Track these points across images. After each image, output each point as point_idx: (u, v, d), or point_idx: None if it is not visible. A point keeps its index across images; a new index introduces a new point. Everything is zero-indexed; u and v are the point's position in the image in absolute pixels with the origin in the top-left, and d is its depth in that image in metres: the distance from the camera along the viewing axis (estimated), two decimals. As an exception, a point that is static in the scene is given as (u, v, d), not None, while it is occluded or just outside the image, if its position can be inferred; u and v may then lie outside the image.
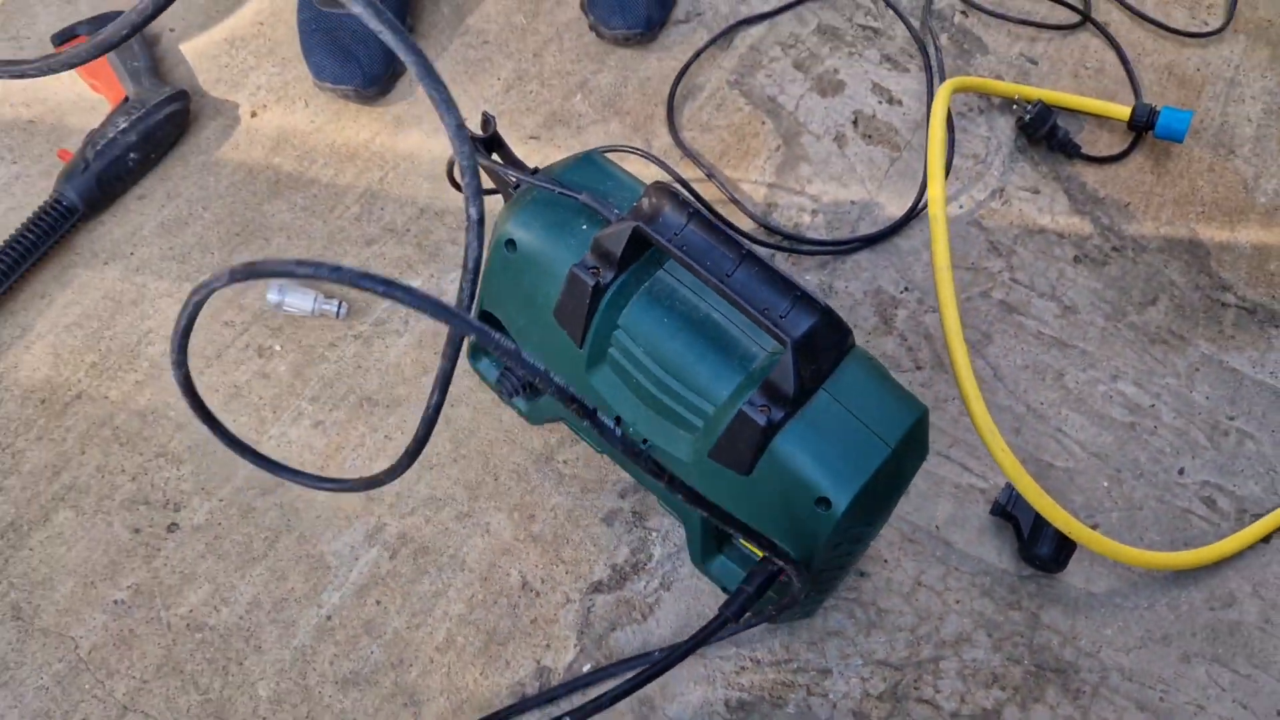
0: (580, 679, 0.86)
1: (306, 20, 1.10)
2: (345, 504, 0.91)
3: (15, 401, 0.93)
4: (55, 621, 0.85)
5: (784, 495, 0.73)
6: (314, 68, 1.09)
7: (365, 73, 1.08)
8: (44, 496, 0.89)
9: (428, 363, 0.98)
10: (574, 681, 0.86)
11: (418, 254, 1.04)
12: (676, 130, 1.14)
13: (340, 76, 1.07)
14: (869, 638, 0.91)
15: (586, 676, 0.87)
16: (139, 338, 0.97)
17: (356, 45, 1.08)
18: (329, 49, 1.08)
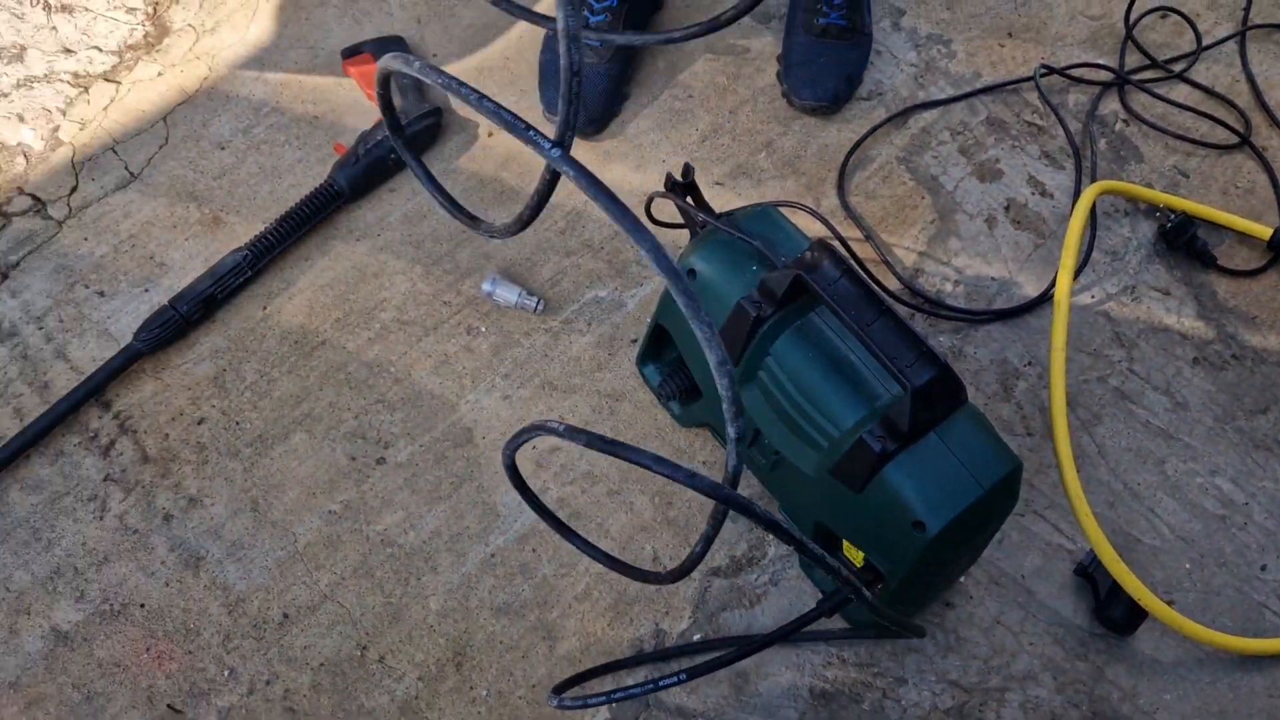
0: (690, 645, 1.02)
1: (547, 61, 1.31)
2: (521, 468, 1.10)
3: (275, 338, 1.15)
4: (282, 518, 1.06)
5: (886, 515, 0.87)
6: (546, 102, 1.29)
7: (589, 114, 1.27)
8: (287, 419, 1.11)
9: (602, 360, 1.16)
10: (685, 646, 1.02)
11: (607, 269, 1.22)
12: (844, 194, 1.29)
13: None
14: (945, 659, 1.03)
15: (696, 644, 1.02)
16: (376, 304, 1.18)
17: (586, 89, 1.28)
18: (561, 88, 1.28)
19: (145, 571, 1.02)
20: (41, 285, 1.16)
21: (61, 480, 1.06)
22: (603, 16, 1.30)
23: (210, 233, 1.20)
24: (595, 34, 1.03)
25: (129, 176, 1.23)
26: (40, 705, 0.96)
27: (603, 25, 1.30)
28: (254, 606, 1.01)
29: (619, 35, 1.01)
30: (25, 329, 1.13)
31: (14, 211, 1.20)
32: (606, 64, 1.30)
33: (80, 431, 1.08)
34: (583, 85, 1.26)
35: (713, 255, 0.96)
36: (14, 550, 1.02)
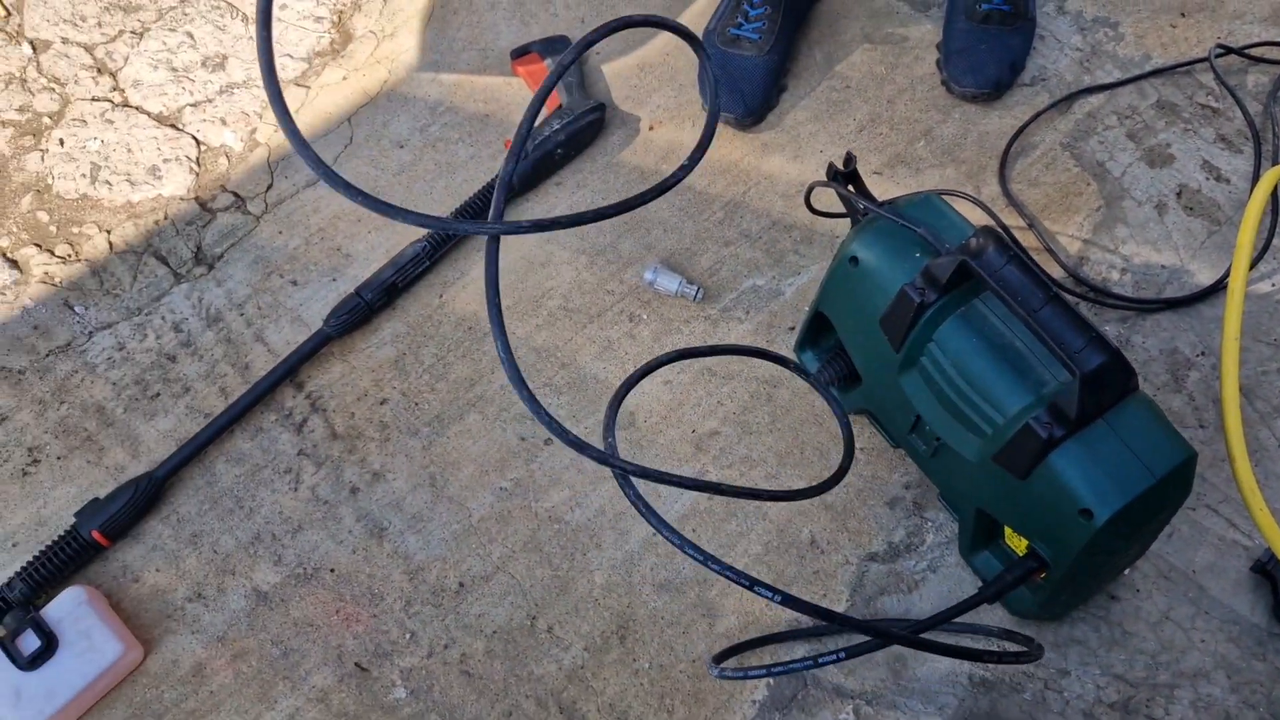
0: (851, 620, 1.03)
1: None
2: (679, 449, 1.13)
3: (450, 325, 1.22)
4: (458, 493, 1.12)
5: (1052, 502, 0.87)
6: (705, 95, 1.32)
7: (747, 105, 1.30)
8: (462, 400, 1.18)
9: (760, 345, 1.18)
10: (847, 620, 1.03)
11: (765, 258, 1.24)
12: (1006, 182, 1.27)
13: (727, 105, 1.30)
14: (1110, 652, 1.02)
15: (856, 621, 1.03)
16: (544, 292, 1.24)
17: (744, 82, 1.30)
18: (721, 81, 1.31)
19: (335, 539, 1.10)
20: (242, 275, 1.26)
21: (261, 454, 1.15)
22: (762, 9, 1.32)
23: (391, 225, 1.28)
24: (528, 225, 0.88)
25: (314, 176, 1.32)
26: (244, 658, 1.05)
27: (763, 17, 1.32)
28: (433, 575, 1.08)
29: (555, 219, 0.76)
30: (229, 315, 1.23)
31: (218, 207, 1.31)
32: (765, 56, 1.32)
33: (277, 410, 1.17)
34: (741, 78, 1.29)
35: (875, 242, 0.98)
36: (220, 517, 1.12)
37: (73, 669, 1.00)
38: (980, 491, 0.95)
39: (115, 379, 1.20)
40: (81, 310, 1.24)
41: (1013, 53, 1.33)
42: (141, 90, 1.39)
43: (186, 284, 1.25)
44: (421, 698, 1.02)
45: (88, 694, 1.01)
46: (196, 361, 1.20)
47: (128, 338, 1.22)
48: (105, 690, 1.03)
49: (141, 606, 1.07)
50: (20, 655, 1.00)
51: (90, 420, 1.17)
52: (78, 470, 1.15)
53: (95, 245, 1.28)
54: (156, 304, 1.24)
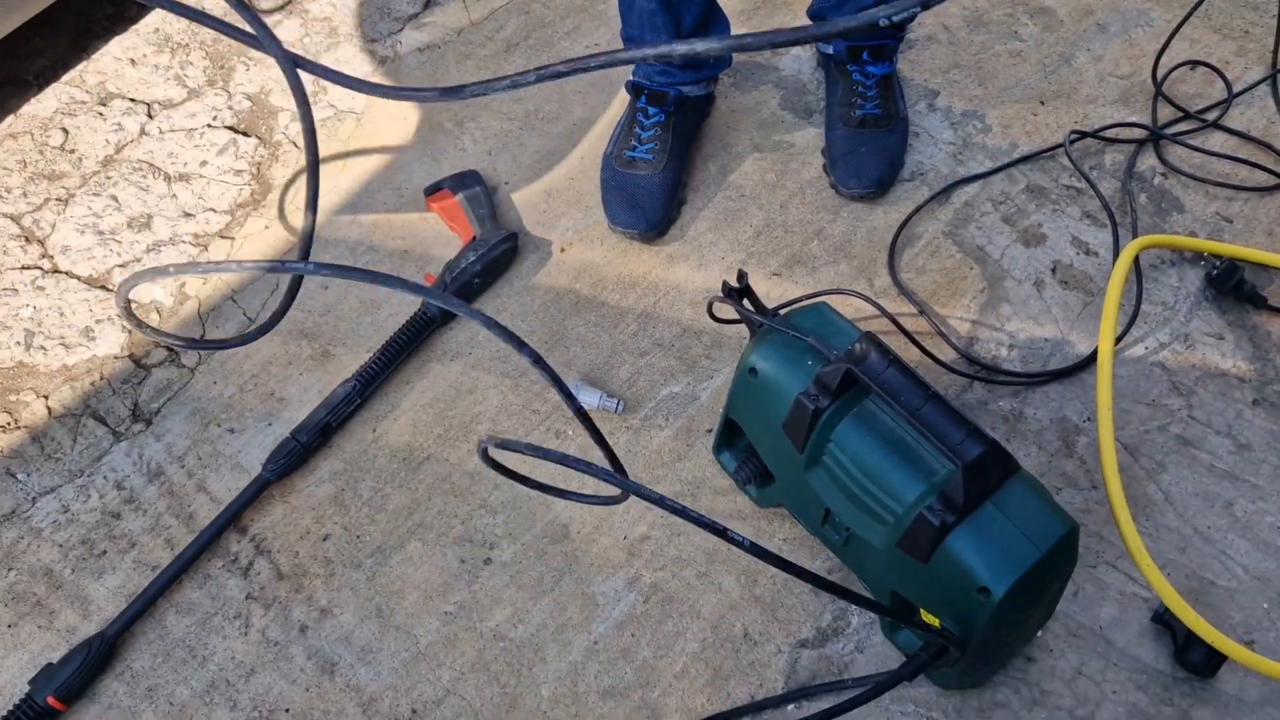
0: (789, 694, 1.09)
1: (607, 178, 1.43)
2: (613, 557, 1.19)
3: (385, 457, 1.27)
4: (404, 622, 1.17)
5: (954, 582, 0.94)
6: (610, 215, 1.41)
7: (648, 220, 1.39)
8: (401, 529, 1.22)
9: (681, 451, 1.25)
10: (783, 696, 1.09)
11: (679, 365, 1.32)
12: (895, 272, 1.37)
13: (630, 222, 1.39)
14: (1030, 713, 1.08)
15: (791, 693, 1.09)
16: (472, 417, 1.30)
17: (644, 199, 1.39)
18: (622, 201, 1.40)
19: (287, 679, 1.14)
20: (181, 427, 1.30)
21: (210, 601, 1.19)
22: (653, 131, 1.42)
23: (321, 365, 1.34)
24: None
25: (248, 322, 1.38)
26: (207, 807, 1.07)
27: (654, 139, 1.42)
28: (386, 704, 1.12)
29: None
30: (170, 468, 1.27)
31: (152, 363, 1.35)
32: (660, 173, 1.41)
33: (223, 556, 1.21)
34: (641, 196, 1.38)
35: (771, 354, 1.05)
36: (174, 668, 1.15)
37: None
38: (890, 575, 1.02)
39: (61, 541, 1.23)
40: (24, 477, 1.28)
41: (890, 151, 1.43)
42: (70, 255, 1.44)
43: (126, 441, 1.30)
44: (383, 828, 1.05)
45: None
46: (141, 516, 1.24)
47: (71, 500, 1.25)
48: None
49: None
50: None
51: (39, 584, 1.20)
52: (29, 636, 1.17)
53: (34, 411, 1.32)
54: (98, 464, 1.28)
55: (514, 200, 1.48)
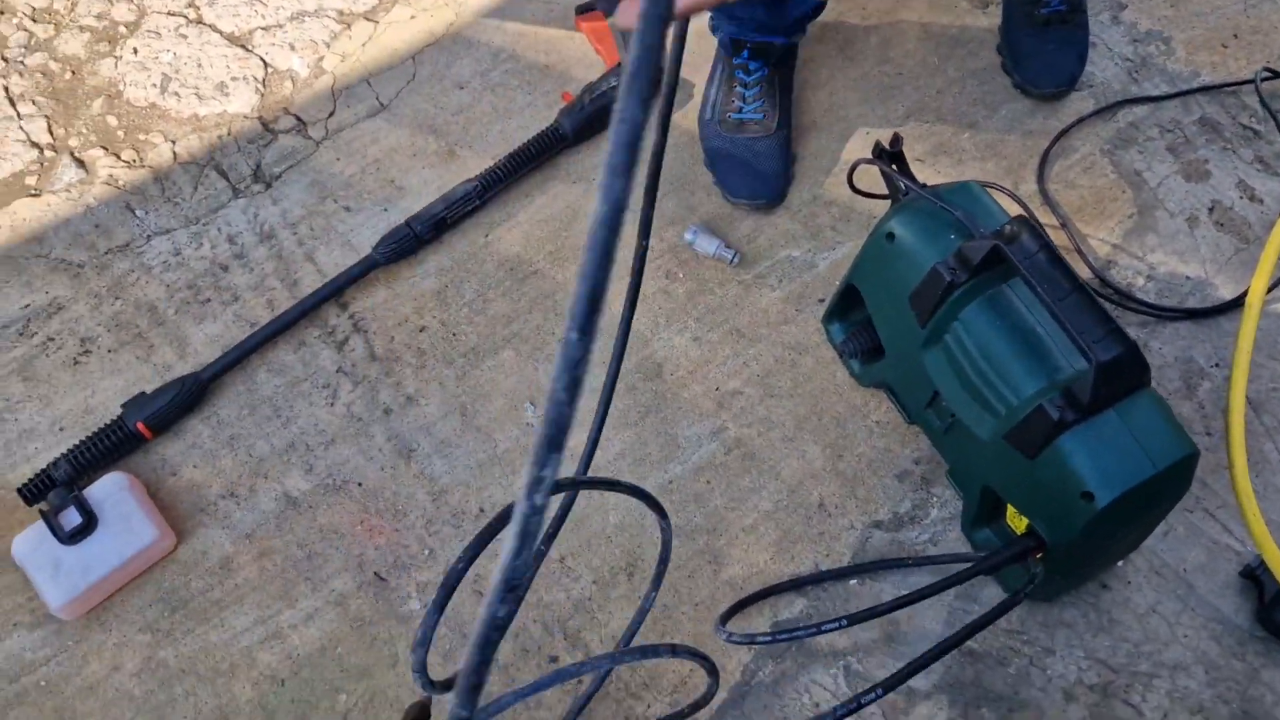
0: (854, 567, 1.08)
1: (716, 146, 1.31)
2: (702, 405, 1.18)
3: (494, 264, 1.26)
4: (486, 424, 1.17)
5: (1056, 483, 0.91)
6: (728, 187, 1.29)
7: (772, 187, 1.29)
8: (498, 336, 1.22)
9: (789, 314, 1.22)
10: (848, 569, 1.08)
11: (803, 231, 1.28)
12: (1044, 181, 1.31)
13: (755, 192, 1.28)
14: (1095, 638, 1.06)
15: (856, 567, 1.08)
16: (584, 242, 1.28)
17: (763, 163, 1.28)
18: (737, 169, 1.29)
19: (365, 455, 1.15)
20: (298, 196, 1.30)
21: (302, 367, 1.20)
22: (757, 89, 1.31)
23: (445, 163, 1.32)
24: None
25: (379, 106, 1.36)
26: (270, 557, 1.10)
27: (760, 95, 1.31)
28: (455, 498, 1.13)
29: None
30: (282, 233, 1.28)
31: (280, 129, 1.35)
32: (775, 134, 1.30)
33: (321, 327, 1.22)
34: (760, 159, 1.27)
35: (913, 221, 1.01)
36: (258, 423, 1.17)
37: (109, 548, 1.06)
38: (988, 469, 1.00)
39: (169, 282, 1.25)
40: (142, 214, 1.29)
41: (1079, 46, 1.36)
42: (216, 9, 1.43)
43: (244, 199, 1.30)
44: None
45: (120, 573, 1.06)
46: (247, 273, 1.25)
47: (184, 244, 1.27)
48: (136, 572, 1.08)
49: (177, 499, 1.13)
50: (62, 530, 1.06)
51: (142, 318, 1.22)
52: (126, 364, 1.20)
53: (160, 154, 1.33)
54: (214, 215, 1.29)
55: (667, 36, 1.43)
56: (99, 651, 1.05)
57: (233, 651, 1.05)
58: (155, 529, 1.07)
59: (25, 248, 1.27)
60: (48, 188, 1.31)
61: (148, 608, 1.07)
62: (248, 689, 1.03)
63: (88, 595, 1.05)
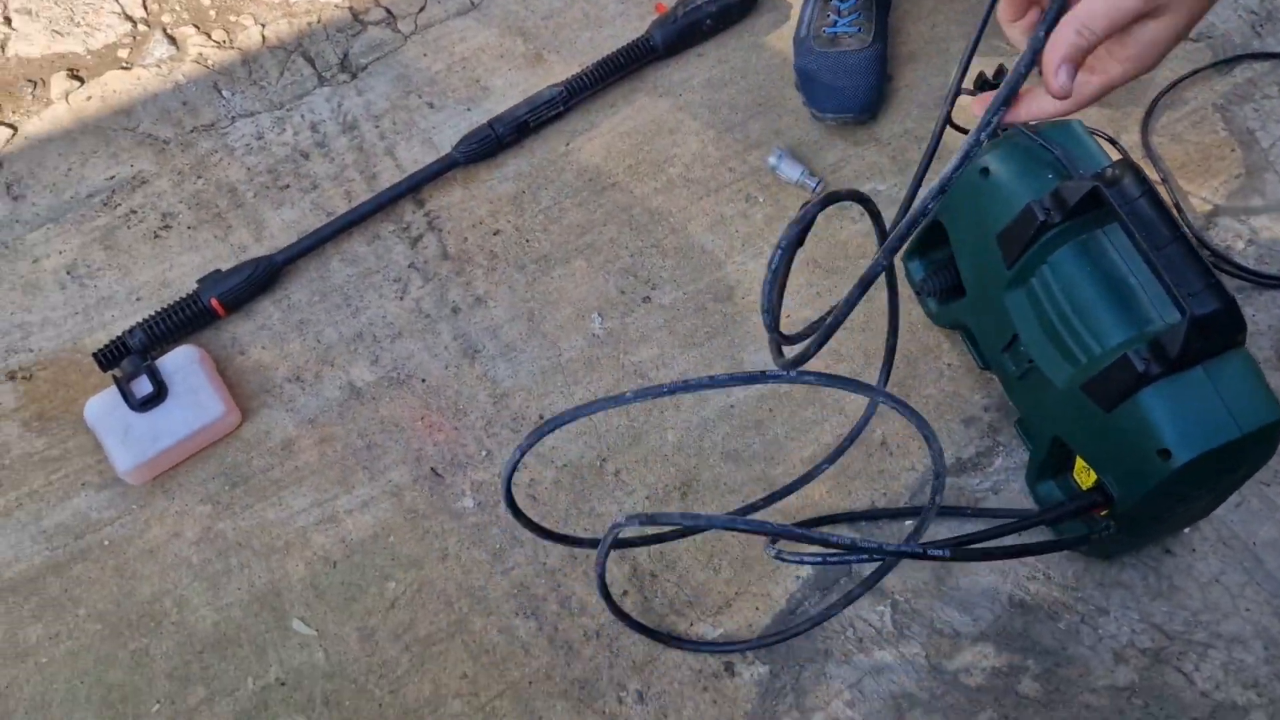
0: (910, 509, 1.06)
1: (807, 64, 1.26)
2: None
3: (573, 172, 1.25)
4: (552, 331, 1.17)
5: (1132, 438, 0.88)
6: (815, 102, 1.25)
7: (861, 102, 1.24)
8: (570, 245, 1.21)
9: (869, 249, 1.20)
10: (904, 510, 1.06)
11: (890, 165, 1.24)
12: (1148, 133, 1.25)
13: (841, 106, 1.23)
14: (1153, 602, 1.04)
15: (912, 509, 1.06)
16: (667, 158, 1.26)
17: (854, 77, 1.24)
18: (827, 84, 1.24)
19: (430, 352, 1.16)
20: (383, 89, 1.30)
21: (375, 259, 1.20)
22: (852, 2, 1.27)
23: (531, 67, 1.30)
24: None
25: (469, 5, 1.34)
26: (330, 443, 1.11)
27: (856, 8, 1.26)
28: (515, 402, 1.13)
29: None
30: (364, 125, 1.28)
31: (369, 20, 1.34)
32: (870, 48, 1.25)
33: (396, 221, 1.22)
34: (851, 74, 1.23)
35: (1010, 157, 0.98)
36: (328, 311, 1.18)
37: (177, 418, 1.08)
38: (1061, 419, 0.97)
39: (250, 164, 1.25)
40: (228, 95, 1.29)
41: None
42: (314, -106, 1.42)
43: (329, 88, 1.30)
44: (487, 510, 1.08)
45: (186, 444, 1.08)
46: (328, 162, 1.25)
47: (267, 128, 1.27)
48: (202, 445, 1.10)
49: (244, 378, 1.14)
50: (133, 397, 1.08)
51: (222, 198, 1.23)
52: (204, 242, 1.21)
53: (249, 36, 1.33)
54: (298, 102, 1.29)
55: (764, -48, 1.39)
56: (161, 518, 1.08)
57: (288, 530, 1.07)
58: (222, 404, 1.09)
59: (114, 119, 1.28)
60: (139, 61, 1.32)
61: (210, 480, 1.10)
62: (300, 567, 1.06)
63: (154, 462, 1.07)
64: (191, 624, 1.03)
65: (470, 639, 1.02)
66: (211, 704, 1.00)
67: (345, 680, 1.00)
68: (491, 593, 1.04)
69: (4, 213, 1.22)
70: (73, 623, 1.03)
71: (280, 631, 1.03)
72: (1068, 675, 1.01)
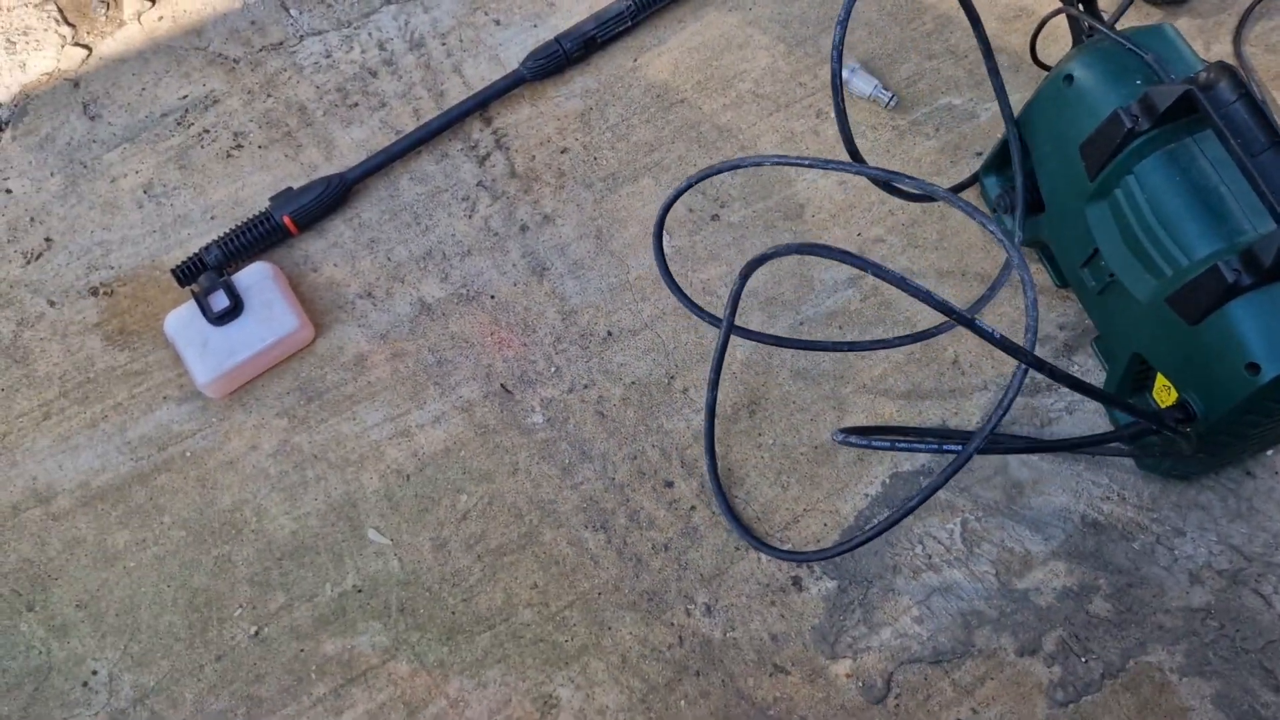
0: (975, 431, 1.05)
1: None
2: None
3: (640, 89, 1.23)
4: (620, 249, 1.16)
5: (1219, 352, 0.86)
6: None
7: None
8: (639, 163, 1.20)
9: (943, 166, 1.17)
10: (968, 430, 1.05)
11: (967, 79, 1.21)
12: (1240, 41, 1.20)
13: None
14: (1231, 524, 1.02)
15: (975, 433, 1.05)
16: (736, 74, 1.23)
17: None
18: None
19: (499, 269, 1.16)
20: (449, 6, 1.28)
21: (443, 178, 1.20)
22: None
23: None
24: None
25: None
26: (402, 359, 1.13)
27: None
28: (584, 319, 1.13)
29: None
30: (431, 43, 1.27)
31: (435, -64, 1.33)
32: None
33: (464, 139, 1.22)
34: None
35: (1096, 63, 0.94)
36: (398, 229, 1.18)
37: (253, 332, 1.10)
38: (1143, 335, 0.94)
39: (319, 83, 1.25)
40: (296, 14, 1.29)
41: None
42: None
43: (395, 5, 1.29)
44: (556, 427, 1.09)
45: (262, 358, 1.10)
46: (395, 81, 1.25)
47: (335, 47, 1.27)
48: (277, 359, 1.12)
49: (317, 294, 1.16)
50: (211, 311, 1.10)
51: (292, 117, 1.24)
52: (275, 161, 1.22)
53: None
54: (365, 20, 1.29)
55: None
56: (240, 430, 1.10)
57: (362, 444, 1.09)
58: (296, 319, 1.11)
59: (185, 39, 1.29)
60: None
61: (286, 395, 1.12)
62: (375, 480, 1.08)
63: (231, 375, 1.10)
64: (270, 532, 1.06)
65: (540, 550, 1.04)
66: (291, 609, 1.03)
67: (420, 588, 1.03)
68: (561, 506, 1.05)
69: (82, 132, 1.24)
70: (158, 530, 1.06)
71: (356, 540, 1.05)
72: (1141, 596, 1.00)
